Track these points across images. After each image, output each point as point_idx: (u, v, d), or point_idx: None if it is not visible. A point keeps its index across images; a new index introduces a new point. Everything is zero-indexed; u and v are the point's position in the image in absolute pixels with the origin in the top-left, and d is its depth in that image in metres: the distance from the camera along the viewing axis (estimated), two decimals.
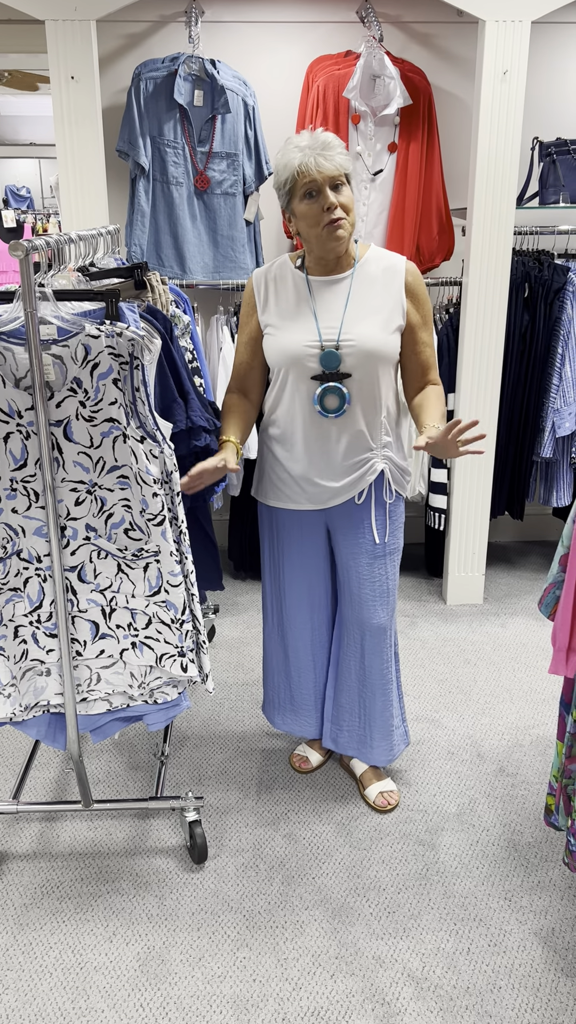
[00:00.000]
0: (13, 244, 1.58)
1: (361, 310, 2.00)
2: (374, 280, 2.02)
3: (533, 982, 1.80)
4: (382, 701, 2.28)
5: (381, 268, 2.03)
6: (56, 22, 2.90)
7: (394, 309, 2.02)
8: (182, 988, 1.80)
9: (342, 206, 1.92)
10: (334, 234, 1.93)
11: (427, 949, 1.88)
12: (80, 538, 1.86)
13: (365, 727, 2.32)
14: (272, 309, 2.08)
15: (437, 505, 3.48)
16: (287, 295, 2.06)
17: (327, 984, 1.80)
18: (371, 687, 2.27)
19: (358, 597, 2.20)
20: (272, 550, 2.29)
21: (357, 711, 2.32)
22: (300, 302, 2.04)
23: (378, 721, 2.30)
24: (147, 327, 1.88)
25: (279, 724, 2.47)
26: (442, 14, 3.44)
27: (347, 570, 2.20)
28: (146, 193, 3.30)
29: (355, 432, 2.06)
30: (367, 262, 2.04)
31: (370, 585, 2.18)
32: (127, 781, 2.46)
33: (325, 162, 1.88)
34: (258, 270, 2.13)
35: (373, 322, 2.00)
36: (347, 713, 2.33)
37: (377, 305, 2.01)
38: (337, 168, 1.89)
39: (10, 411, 1.75)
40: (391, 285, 2.02)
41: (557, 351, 3.35)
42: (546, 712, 2.79)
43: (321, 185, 1.90)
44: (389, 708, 2.30)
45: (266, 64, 3.52)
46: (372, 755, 2.34)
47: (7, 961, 1.87)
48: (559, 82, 3.63)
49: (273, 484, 2.18)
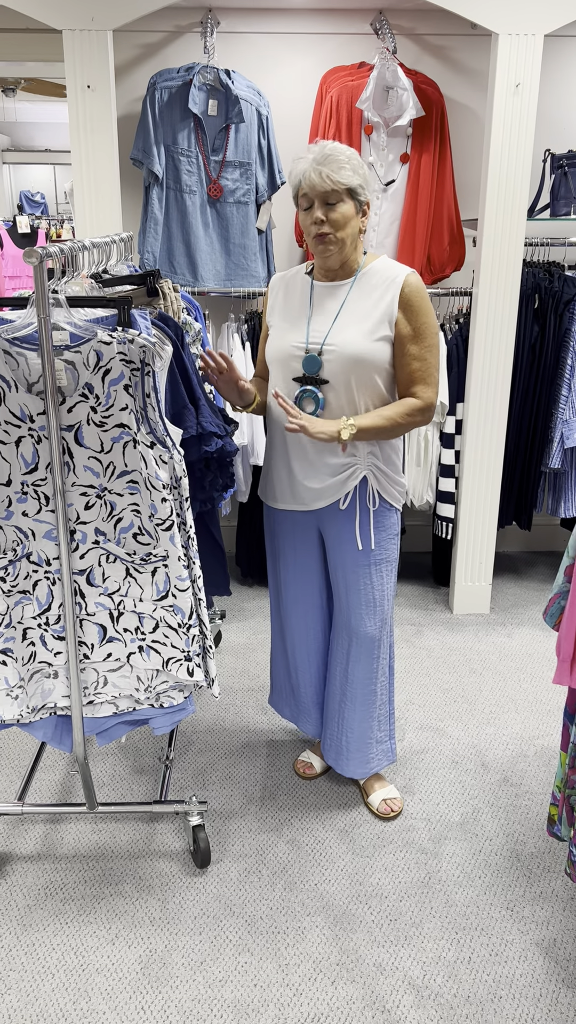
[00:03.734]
0: (27, 251, 1.60)
1: (351, 317, 2.02)
2: (372, 289, 2.03)
3: (534, 992, 1.80)
4: (361, 712, 2.28)
5: (383, 279, 2.03)
6: (73, 32, 2.94)
7: (382, 319, 2.01)
8: (183, 992, 1.81)
9: (332, 222, 1.93)
10: (320, 247, 1.98)
11: (428, 957, 1.89)
12: (89, 542, 1.88)
13: (342, 736, 2.32)
14: (279, 311, 2.13)
15: (444, 514, 3.49)
16: (293, 298, 2.12)
17: (328, 990, 1.81)
18: (352, 696, 2.27)
19: (346, 604, 2.22)
20: (272, 550, 2.33)
21: (336, 719, 2.32)
22: (301, 305, 2.09)
23: (355, 732, 2.30)
24: (158, 334, 1.90)
25: (286, 715, 2.51)
26: (456, 27, 3.46)
27: (335, 576, 2.23)
28: (159, 201, 3.33)
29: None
30: (370, 272, 2.04)
31: (355, 593, 2.19)
32: (132, 784, 2.48)
33: (317, 179, 1.90)
34: (278, 274, 2.18)
35: (358, 329, 2.01)
36: (329, 720, 2.35)
37: (367, 313, 2.02)
38: (332, 185, 1.90)
39: (22, 415, 1.77)
40: (386, 295, 2.02)
41: (566, 362, 3.36)
42: (551, 722, 2.78)
43: (313, 200, 1.94)
44: (368, 721, 2.29)
45: (280, 75, 3.55)
46: (347, 766, 2.34)
47: (10, 962, 1.88)
48: (571, 95, 3.65)
49: (271, 483, 2.23)
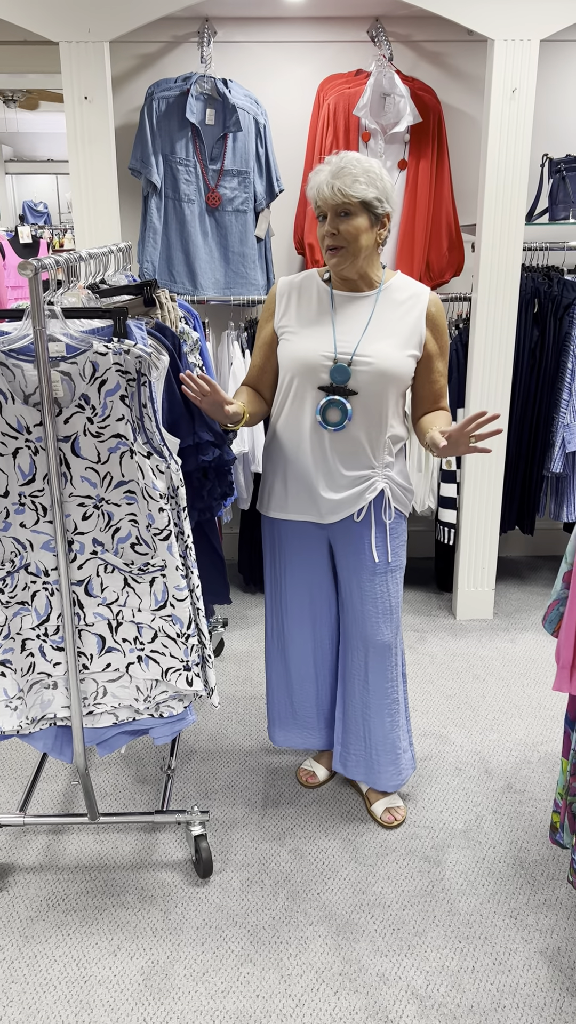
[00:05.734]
0: (22, 264, 1.61)
1: (381, 330, 2.02)
2: (398, 304, 2.05)
3: (538, 1001, 1.79)
4: (389, 722, 2.27)
5: (406, 295, 2.06)
6: (70, 44, 2.95)
7: (412, 335, 2.04)
8: (185, 1003, 1.80)
9: (342, 234, 1.94)
10: (330, 259, 1.99)
11: (431, 967, 1.88)
12: (87, 552, 1.88)
13: (372, 751, 2.30)
14: (292, 315, 2.10)
15: (447, 520, 3.48)
16: (309, 304, 2.09)
17: (330, 1001, 1.80)
18: (376, 707, 2.26)
19: (361, 614, 2.20)
20: (273, 563, 2.29)
21: (362, 734, 2.30)
22: (321, 313, 2.07)
23: (384, 744, 2.28)
24: (155, 344, 1.90)
25: (280, 740, 2.46)
26: (452, 33, 3.47)
27: (349, 587, 2.20)
28: (158, 210, 3.34)
29: (355, 448, 2.06)
30: (393, 287, 2.07)
31: (372, 602, 2.18)
32: (133, 795, 2.47)
33: (328, 192, 1.92)
34: (284, 278, 2.16)
35: (391, 343, 2.02)
36: (353, 736, 2.32)
37: (397, 328, 2.03)
38: (343, 198, 1.91)
39: (19, 427, 1.77)
40: (413, 311, 2.04)
41: (567, 366, 3.35)
42: (555, 729, 2.77)
43: (324, 211, 1.95)
44: (396, 730, 2.29)
45: (277, 83, 3.56)
46: (379, 780, 2.32)
47: (12, 974, 1.87)
48: (568, 99, 3.65)
49: (276, 495, 2.19)
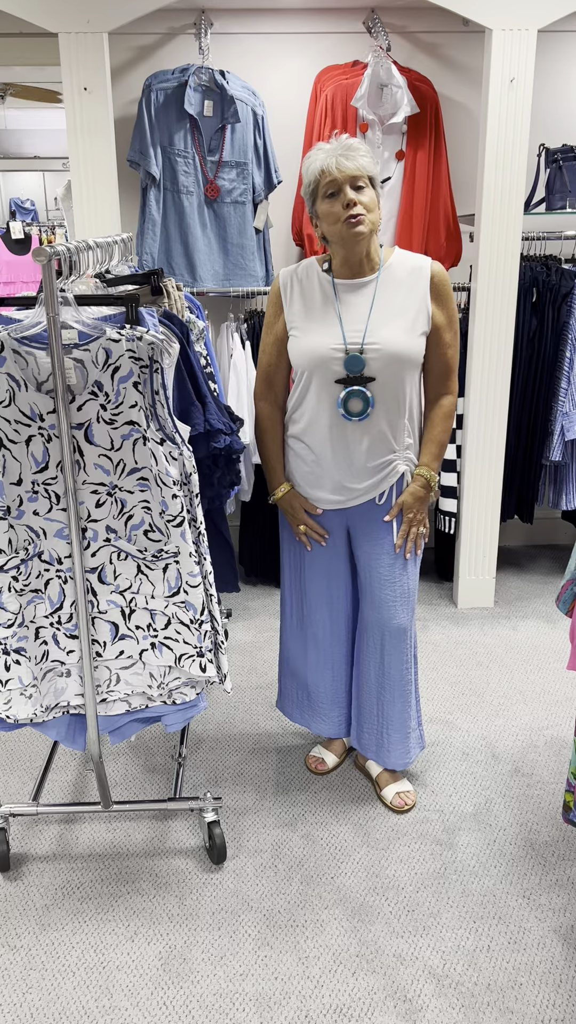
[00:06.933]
0: (36, 250, 1.61)
1: (386, 314, 2.01)
2: (400, 283, 2.03)
3: (554, 978, 1.81)
4: (401, 703, 2.29)
5: (407, 270, 2.03)
6: (69, 35, 2.95)
7: (419, 312, 2.02)
8: (205, 986, 1.81)
9: (363, 205, 1.93)
10: (354, 229, 1.93)
11: (447, 947, 1.89)
12: (100, 540, 1.88)
13: (383, 729, 2.32)
14: (297, 309, 2.08)
15: (447, 509, 3.50)
16: (313, 296, 2.07)
17: (349, 982, 1.81)
18: (390, 689, 2.28)
19: (379, 599, 2.21)
20: (292, 551, 2.30)
21: (376, 713, 2.32)
22: (326, 304, 2.05)
23: (396, 723, 2.31)
24: (166, 331, 1.90)
25: (296, 718, 2.48)
26: (448, 24, 3.48)
27: (368, 572, 2.21)
28: (157, 202, 3.34)
29: (378, 435, 2.07)
30: (392, 265, 2.04)
31: (391, 587, 2.19)
32: (144, 783, 2.48)
33: (346, 161, 1.90)
34: (285, 269, 2.13)
35: (398, 326, 2.01)
36: (367, 715, 2.34)
37: (402, 308, 2.02)
38: (359, 168, 1.91)
39: (32, 414, 1.77)
40: (416, 287, 2.02)
41: (565, 355, 3.37)
42: (560, 713, 2.80)
43: (341, 184, 1.92)
44: (407, 710, 2.31)
45: (275, 74, 3.57)
46: (389, 758, 2.34)
47: (31, 961, 1.88)
48: (565, 89, 3.67)
49: (295, 484, 2.20)
